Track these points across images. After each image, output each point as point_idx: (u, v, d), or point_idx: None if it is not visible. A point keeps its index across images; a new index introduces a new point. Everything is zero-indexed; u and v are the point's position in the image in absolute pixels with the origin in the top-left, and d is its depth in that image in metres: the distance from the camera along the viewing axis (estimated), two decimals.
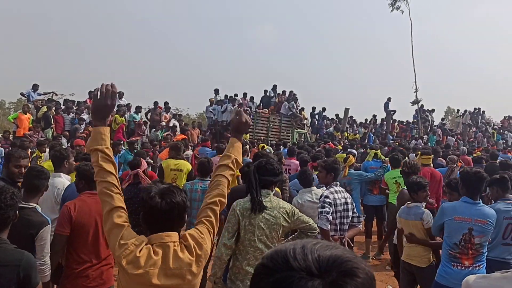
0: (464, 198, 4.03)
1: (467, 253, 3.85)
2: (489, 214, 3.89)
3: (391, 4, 24.98)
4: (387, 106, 23.50)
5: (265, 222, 3.45)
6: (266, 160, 3.78)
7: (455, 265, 3.90)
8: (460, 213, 3.93)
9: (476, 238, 3.84)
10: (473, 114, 27.67)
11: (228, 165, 2.41)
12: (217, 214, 2.27)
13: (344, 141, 17.56)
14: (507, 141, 25.21)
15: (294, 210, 3.58)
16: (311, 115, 21.37)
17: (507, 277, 1.54)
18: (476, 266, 3.85)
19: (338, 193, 4.41)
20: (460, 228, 3.89)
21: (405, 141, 19.79)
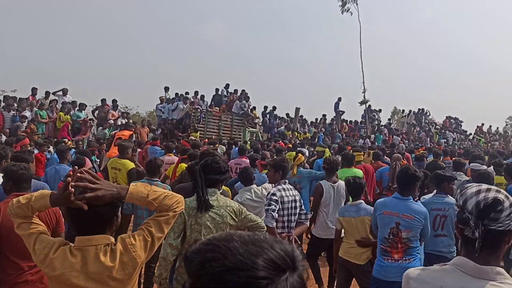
0: (395, 194, 4.19)
1: (397, 247, 3.97)
2: (417, 211, 4.01)
3: (341, 6, 25.63)
4: (337, 106, 24.09)
5: (212, 221, 3.41)
6: (212, 158, 3.74)
7: (386, 258, 4.03)
8: (388, 207, 4.07)
9: (404, 232, 3.96)
10: (417, 114, 28.84)
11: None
12: (160, 224, 2.13)
13: (295, 140, 17.78)
14: (448, 140, 26.46)
15: (241, 209, 3.56)
16: (262, 114, 21.50)
17: (445, 269, 1.59)
18: (406, 260, 3.95)
19: (286, 191, 4.43)
20: (388, 222, 4.02)
21: (353, 140, 20.32)
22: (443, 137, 27.02)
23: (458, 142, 27.52)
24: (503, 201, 1.52)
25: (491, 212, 1.51)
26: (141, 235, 2.09)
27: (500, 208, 1.50)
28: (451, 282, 1.55)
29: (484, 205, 1.52)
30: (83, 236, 2.03)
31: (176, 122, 17.33)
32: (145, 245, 2.07)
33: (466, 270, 1.53)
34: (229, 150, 12.23)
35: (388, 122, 28.58)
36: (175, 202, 2.15)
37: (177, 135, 15.71)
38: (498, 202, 1.51)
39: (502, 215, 1.50)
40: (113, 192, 1.98)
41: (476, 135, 30.87)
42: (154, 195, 2.09)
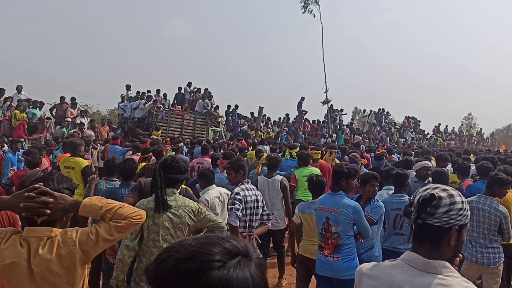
0: (329, 191, 4.34)
1: (328, 242, 4.10)
2: (344, 205, 4.09)
3: (303, 7, 25.92)
4: (300, 106, 24.30)
5: (170, 221, 3.38)
6: (172, 157, 3.72)
7: (320, 253, 4.18)
8: (321, 203, 4.23)
9: (333, 227, 4.08)
10: (378, 114, 29.49)
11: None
12: (110, 227, 2.10)
13: (258, 139, 17.82)
14: (407, 139, 27.21)
15: (200, 209, 3.54)
16: (226, 113, 21.42)
17: (396, 265, 1.64)
18: (334, 257, 4.05)
19: (249, 190, 4.43)
20: (321, 217, 4.17)
21: (315, 140, 20.56)
22: (402, 137, 27.77)
23: (416, 142, 28.34)
24: (442, 198, 1.58)
25: (427, 207, 1.58)
26: (86, 231, 2.07)
27: (435, 203, 1.57)
28: (401, 277, 1.59)
29: (423, 199, 1.60)
30: (31, 226, 2.04)
31: (138, 121, 17.05)
32: (86, 242, 2.04)
33: (415, 265, 1.59)
34: (192, 149, 12.15)
35: (349, 121, 29.11)
36: (132, 213, 2.14)
37: (139, 133, 15.46)
38: (434, 198, 1.58)
39: (439, 210, 1.57)
40: (64, 206, 2.04)
41: (433, 135, 31.89)
42: (108, 207, 2.09)
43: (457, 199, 1.61)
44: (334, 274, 4.08)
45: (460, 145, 32.52)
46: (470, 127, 50.44)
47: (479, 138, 40.54)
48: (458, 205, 1.59)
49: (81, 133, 14.14)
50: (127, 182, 5.03)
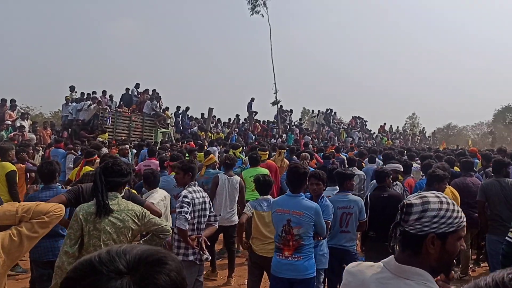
0: (288, 192, 4.34)
1: (288, 244, 4.10)
2: (306, 207, 4.14)
3: (251, 8, 26.05)
4: (250, 106, 24.42)
5: (112, 225, 3.28)
6: (113, 160, 3.61)
7: (278, 255, 4.17)
8: (281, 205, 4.22)
9: (295, 229, 4.09)
10: (326, 114, 30.15)
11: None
12: (33, 225, 2.05)
13: (207, 140, 17.72)
14: (354, 139, 27.98)
15: (144, 212, 3.45)
16: (175, 114, 21.16)
17: (374, 266, 1.67)
18: (295, 257, 4.09)
19: (196, 193, 4.39)
20: (281, 219, 4.15)
21: (266, 140, 20.71)
22: (349, 136, 28.53)
23: (363, 141, 29.19)
24: (413, 205, 1.57)
25: (403, 214, 1.59)
26: (7, 234, 2.00)
27: (406, 210, 1.58)
28: (372, 277, 1.63)
29: (400, 206, 1.62)
30: None
31: (83, 123, 16.49)
32: (10, 245, 1.98)
33: (389, 267, 1.62)
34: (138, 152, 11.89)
35: (298, 122, 29.53)
36: (52, 207, 2.12)
37: (84, 136, 14.95)
38: (408, 205, 1.59)
39: (410, 217, 1.57)
40: None
41: (379, 134, 32.98)
42: (24, 209, 2.04)
43: (432, 206, 1.56)
44: (296, 274, 4.09)
45: (404, 143, 33.82)
46: (413, 127, 52.49)
47: (422, 137, 42.33)
48: (431, 213, 1.54)
49: (21, 136, 13.50)
50: (47, 185, 4.74)
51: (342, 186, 5.22)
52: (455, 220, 1.55)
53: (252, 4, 26.09)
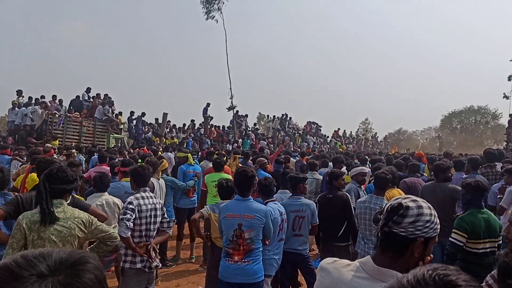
0: (236, 196, 4.33)
1: (239, 249, 4.11)
2: (257, 210, 4.18)
3: (206, 13, 26.04)
4: (206, 112, 24.31)
5: (58, 234, 3.16)
6: (59, 167, 3.47)
7: (227, 259, 4.16)
8: (230, 210, 4.21)
9: (246, 233, 4.11)
10: (281, 119, 30.44)
11: None
12: None
13: (162, 145, 17.47)
14: (309, 144, 28.40)
15: (91, 220, 3.35)
16: (128, 119, 20.72)
17: (350, 265, 1.66)
18: (245, 261, 4.11)
19: (145, 199, 4.26)
20: (232, 224, 4.15)
21: (221, 145, 20.65)
22: (304, 141, 28.94)
23: (318, 146, 29.67)
24: (409, 208, 1.56)
25: (395, 215, 1.56)
26: None
27: (402, 212, 1.56)
28: (347, 277, 1.61)
29: (391, 207, 1.59)
30: None
31: (31, 128, 15.85)
32: None
33: (366, 268, 1.60)
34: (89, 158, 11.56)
35: (254, 127, 29.66)
36: None
37: (31, 142, 14.36)
38: (401, 206, 1.57)
39: (405, 220, 1.55)
40: None
41: (333, 139, 33.65)
42: None
43: (426, 211, 1.58)
44: (246, 278, 4.09)
45: (357, 148, 34.69)
46: (366, 131, 53.98)
47: (374, 142, 43.61)
48: (425, 217, 1.56)
49: None
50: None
51: (294, 189, 5.27)
52: (437, 226, 1.59)
53: (207, 9, 26.08)
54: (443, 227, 4.88)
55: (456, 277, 0.86)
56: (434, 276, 0.86)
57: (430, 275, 0.86)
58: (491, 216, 4.12)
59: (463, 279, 0.86)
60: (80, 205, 3.75)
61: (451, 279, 0.85)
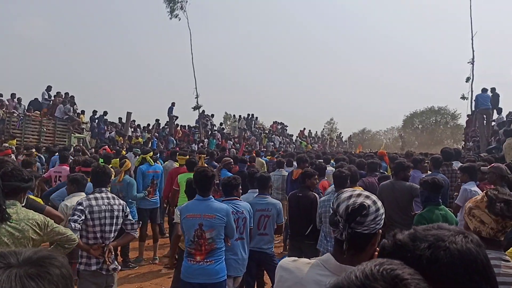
0: (197, 196, 4.30)
1: (200, 249, 4.10)
2: (217, 209, 4.18)
3: (170, 12, 25.79)
4: (171, 111, 24.06)
5: (10, 236, 3.03)
6: (14, 166, 3.36)
7: (189, 260, 4.14)
8: (191, 210, 4.19)
9: (207, 232, 4.10)
10: (248, 119, 30.48)
11: None
12: None
13: (126, 145, 17.19)
14: (275, 143, 28.56)
15: (47, 221, 3.24)
16: (91, 118, 20.26)
17: (312, 263, 1.66)
18: (207, 261, 4.10)
19: (99, 200, 4.12)
20: (192, 225, 4.13)
21: (187, 145, 20.48)
22: (271, 141, 29.07)
23: (284, 145, 29.88)
24: (369, 207, 1.60)
25: (357, 216, 1.58)
26: None
27: (365, 212, 1.58)
28: (311, 275, 1.62)
29: (352, 209, 1.58)
30: None
31: None
32: None
33: (328, 266, 1.61)
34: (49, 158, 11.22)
35: (220, 127, 29.57)
36: None
37: None
38: (364, 207, 1.59)
39: (367, 219, 1.58)
40: None
41: (299, 138, 33.97)
42: None
43: (378, 203, 1.65)
44: (208, 278, 4.08)
45: (323, 148, 35.16)
46: (331, 131, 54.71)
47: (339, 141, 44.32)
48: (380, 210, 1.63)
49: None
50: None
51: (261, 189, 5.29)
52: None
53: (170, 8, 25.83)
54: (401, 224, 4.99)
55: (402, 271, 0.89)
56: (381, 271, 0.88)
57: (378, 270, 0.88)
58: (448, 213, 4.26)
59: (408, 273, 0.90)
60: (35, 206, 3.63)
61: (398, 273, 0.88)
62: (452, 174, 6.98)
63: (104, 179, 4.35)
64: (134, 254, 7.50)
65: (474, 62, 21.51)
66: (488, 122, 14.98)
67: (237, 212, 4.66)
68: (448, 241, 1.10)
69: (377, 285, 0.85)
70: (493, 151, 11.88)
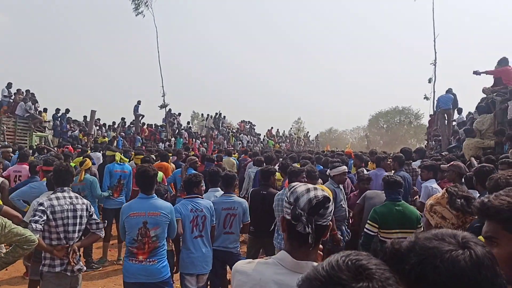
0: (140, 195, 4.28)
1: (143, 247, 4.09)
2: (162, 207, 4.20)
3: (135, 9, 25.40)
4: (137, 109, 23.70)
5: None
6: None
7: (131, 259, 4.12)
8: (134, 209, 4.16)
9: (152, 230, 4.11)
10: (215, 118, 30.36)
11: None
12: None
13: (90, 144, 16.82)
14: (243, 142, 28.57)
15: (4, 222, 3.16)
16: (53, 117, 19.70)
17: (268, 263, 1.66)
18: (150, 261, 4.10)
19: (61, 199, 4.01)
20: (136, 223, 4.11)
21: (153, 144, 20.24)
22: (238, 140, 29.06)
23: (251, 144, 29.92)
24: (328, 198, 1.61)
25: (321, 209, 1.58)
26: None
27: (328, 205, 1.60)
28: (269, 275, 1.60)
29: (316, 202, 1.58)
30: None
31: None
32: None
33: (285, 264, 1.60)
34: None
35: (187, 125, 29.34)
36: None
37: None
38: (328, 199, 1.60)
39: (328, 211, 1.60)
40: None
41: (266, 137, 34.10)
42: None
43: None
44: (151, 278, 4.07)
45: (290, 147, 35.41)
46: (298, 130, 55.19)
47: (306, 140, 44.75)
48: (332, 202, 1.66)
49: None
50: None
51: (227, 187, 5.29)
52: None
53: (135, 5, 25.43)
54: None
55: (367, 262, 0.92)
56: (347, 261, 0.91)
57: (344, 261, 0.91)
58: (408, 209, 4.35)
59: (374, 263, 0.93)
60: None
61: (363, 263, 0.91)
62: (412, 172, 7.17)
63: (67, 177, 4.23)
64: (98, 254, 7.35)
65: (436, 63, 22.16)
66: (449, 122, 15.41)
67: (196, 210, 4.67)
68: (441, 258, 1.01)
69: (342, 275, 0.88)
70: (454, 150, 12.22)
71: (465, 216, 2.46)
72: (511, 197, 1.36)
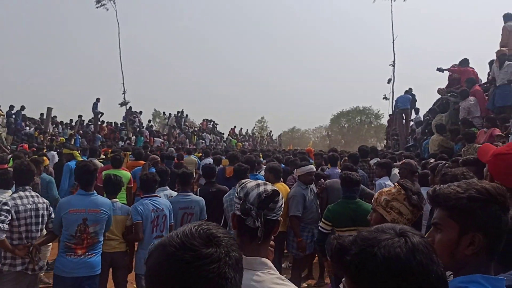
0: (79, 191, 4.27)
1: (82, 243, 4.09)
2: (102, 204, 4.25)
3: (96, 1, 24.67)
4: (96, 107, 23.14)
5: None
6: None
7: (69, 254, 4.08)
8: (74, 205, 4.14)
9: (91, 227, 4.13)
10: (177, 117, 30.05)
11: None
12: None
13: (46, 142, 16.31)
14: (205, 141, 28.42)
15: None
16: (7, 114, 19.00)
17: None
18: (89, 255, 4.13)
19: (24, 199, 4.01)
20: (76, 219, 4.09)
21: (113, 142, 19.83)
22: (201, 139, 28.87)
23: (214, 143, 29.80)
24: (277, 192, 1.62)
25: (270, 203, 1.59)
26: None
27: (277, 199, 1.61)
28: None
29: (266, 196, 1.59)
30: None
31: None
32: None
33: None
34: None
35: (148, 124, 28.90)
36: None
37: None
38: (277, 193, 1.62)
39: (277, 205, 1.61)
40: None
41: (229, 136, 34.05)
42: None
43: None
44: (89, 271, 4.10)
45: (253, 146, 35.50)
46: (262, 130, 55.43)
47: (269, 140, 45.00)
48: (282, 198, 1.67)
49: None
50: None
51: (183, 185, 5.25)
52: None
53: None
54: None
55: (216, 230, 1.01)
56: (199, 230, 0.99)
57: (196, 230, 0.99)
58: (362, 206, 4.40)
59: (221, 232, 1.02)
60: None
61: (213, 232, 1.00)
62: (370, 170, 7.35)
63: (28, 176, 4.24)
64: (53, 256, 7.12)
65: (395, 64, 22.76)
66: (407, 121, 15.86)
67: (157, 210, 4.65)
68: (378, 246, 1.05)
69: (195, 242, 0.96)
70: (411, 149, 12.61)
71: (418, 212, 2.53)
72: (461, 187, 1.40)
